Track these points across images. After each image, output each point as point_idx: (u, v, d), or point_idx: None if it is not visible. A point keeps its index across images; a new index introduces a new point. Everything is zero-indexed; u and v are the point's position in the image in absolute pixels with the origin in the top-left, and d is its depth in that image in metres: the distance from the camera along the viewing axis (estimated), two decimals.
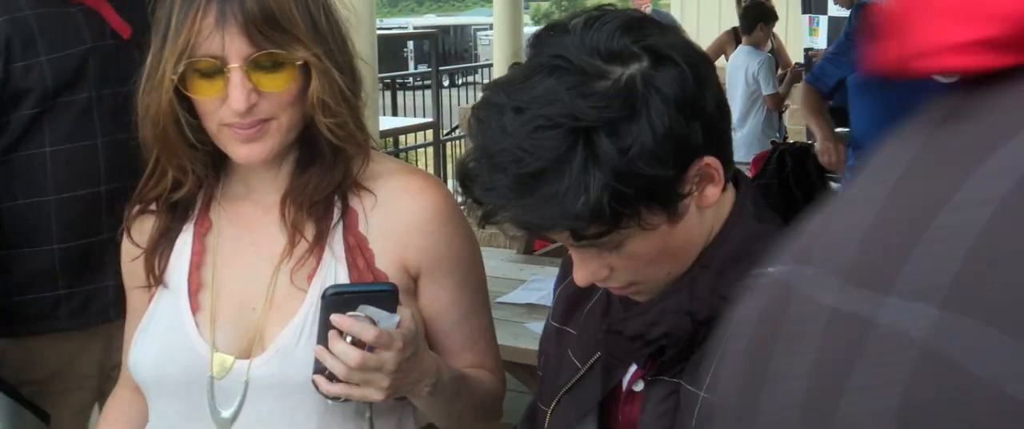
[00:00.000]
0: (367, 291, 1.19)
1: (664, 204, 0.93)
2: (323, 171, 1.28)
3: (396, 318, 1.18)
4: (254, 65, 1.19)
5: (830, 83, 4.11)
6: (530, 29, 4.55)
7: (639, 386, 1.07)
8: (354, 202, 1.31)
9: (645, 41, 0.92)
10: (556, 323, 1.22)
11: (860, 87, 3.82)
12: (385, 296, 1.18)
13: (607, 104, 0.88)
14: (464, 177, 0.96)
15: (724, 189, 1.01)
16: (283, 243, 1.29)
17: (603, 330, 1.09)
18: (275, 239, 1.30)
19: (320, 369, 1.17)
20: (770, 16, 6.22)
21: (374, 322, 1.16)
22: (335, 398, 1.19)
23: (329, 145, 1.26)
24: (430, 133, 6.82)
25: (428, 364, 1.24)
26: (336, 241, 1.30)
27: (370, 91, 1.34)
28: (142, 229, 1.37)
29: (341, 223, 1.30)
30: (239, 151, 1.25)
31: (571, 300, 1.19)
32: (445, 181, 7.84)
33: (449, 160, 8.13)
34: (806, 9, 8.67)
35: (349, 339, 1.15)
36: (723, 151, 0.98)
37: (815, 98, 4.22)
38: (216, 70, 1.19)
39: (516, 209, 0.90)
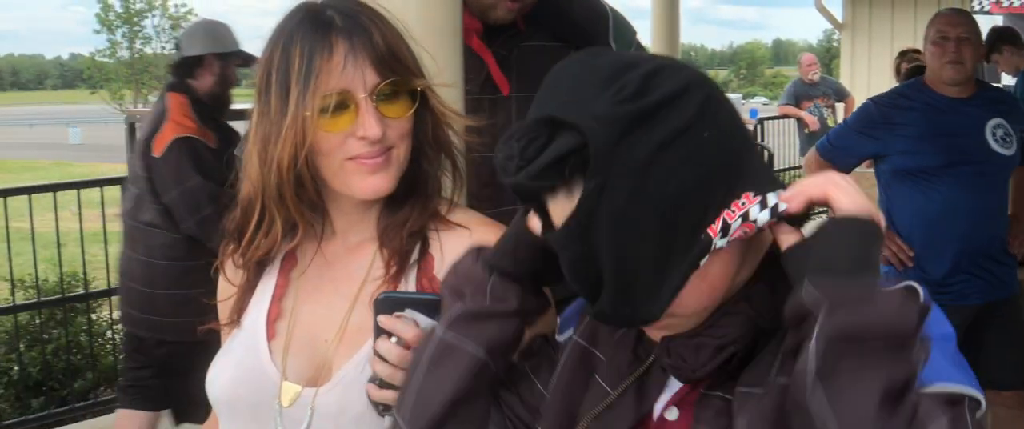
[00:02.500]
0: (416, 298, 1.22)
1: None
2: (418, 203, 1.33)
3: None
4: (379, 95, 1.24)
5: (853, 160, 3.37)
6: None
7: (672, 414, 1.05)
8: (433, 247, 1.34)
9: None
10: (582, 342, 1.15)
11: (902, 173, 3.26)
12: (432, 304, 1.19)
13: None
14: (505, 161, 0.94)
15: None
16: (360, 281, 1.32)
17: (664, 345, 1.03)
18: (354, 278, 1.34)
19: (373, 378, 1.20)
20: None
21: (416, 324, 1.18)
22: (386, 409, 1.19)
23: (425, 177, 1.32)
24: None
25: None
26: (410, 281, 1.32)
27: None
28: (234, 265, 1.39)
29: (417, 266, 1.33)
30: (364, 184, 1.28)
31: (600, 323, 1.13)
32: None
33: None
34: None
35: (393, 339, 1.18)
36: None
37: None
38: (343, 104, 1.23)
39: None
